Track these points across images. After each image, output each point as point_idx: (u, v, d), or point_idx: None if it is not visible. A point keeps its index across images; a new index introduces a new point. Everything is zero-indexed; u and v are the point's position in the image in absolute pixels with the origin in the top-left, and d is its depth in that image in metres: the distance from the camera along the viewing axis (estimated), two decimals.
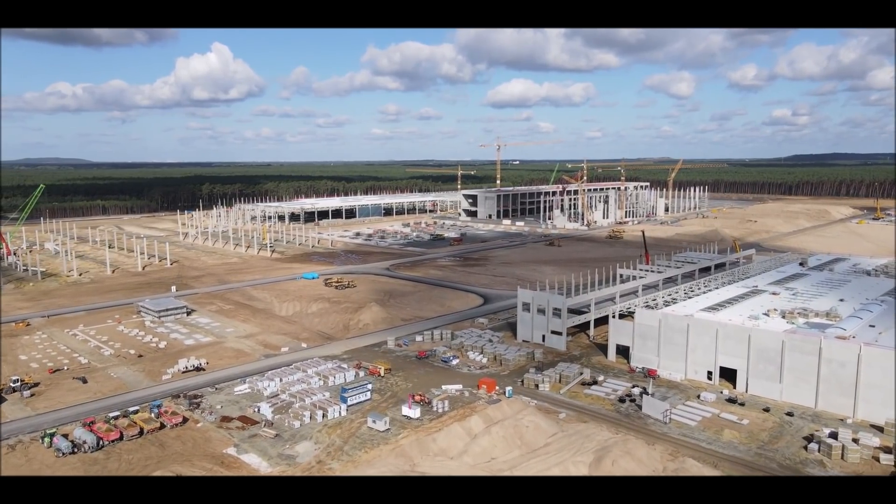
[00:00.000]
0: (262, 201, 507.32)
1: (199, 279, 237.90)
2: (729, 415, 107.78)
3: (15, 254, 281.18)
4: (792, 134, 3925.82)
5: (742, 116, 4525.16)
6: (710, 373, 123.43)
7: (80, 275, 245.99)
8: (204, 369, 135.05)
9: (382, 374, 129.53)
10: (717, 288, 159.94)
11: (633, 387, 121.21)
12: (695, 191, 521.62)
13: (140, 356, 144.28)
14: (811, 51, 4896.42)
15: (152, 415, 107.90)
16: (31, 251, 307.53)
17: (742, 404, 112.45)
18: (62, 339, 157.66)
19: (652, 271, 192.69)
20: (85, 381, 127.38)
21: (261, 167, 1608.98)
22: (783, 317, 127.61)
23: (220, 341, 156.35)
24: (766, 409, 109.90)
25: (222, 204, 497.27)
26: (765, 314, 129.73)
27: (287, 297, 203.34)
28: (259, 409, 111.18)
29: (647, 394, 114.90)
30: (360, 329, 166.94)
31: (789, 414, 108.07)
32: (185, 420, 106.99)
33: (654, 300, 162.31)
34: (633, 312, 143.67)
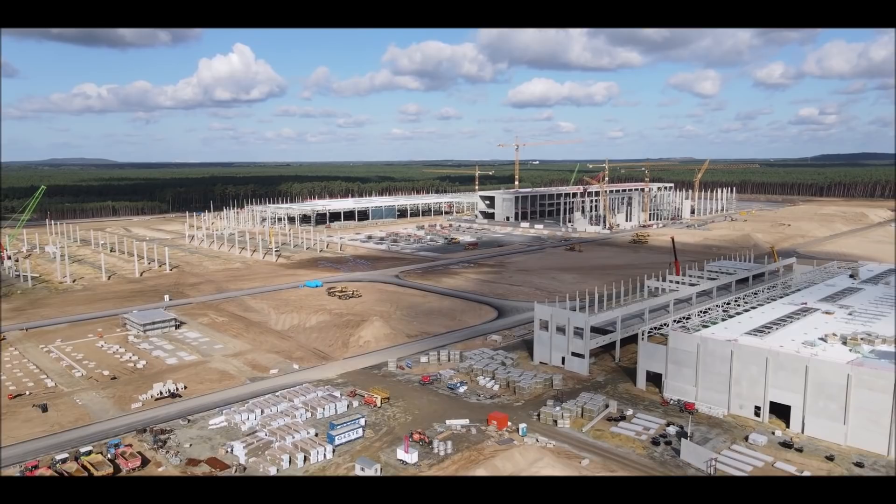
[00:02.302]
0: (273, 202, 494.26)
1: (197, 287, 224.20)
2: (785, 464, 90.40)
3: (10, 258, 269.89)
4: (819, 133, 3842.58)
5: (767, 115, 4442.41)
6: (757, 408, 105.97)
7: (74, 281, 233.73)
8: (180, 395, 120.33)
9: (379, 404, 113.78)
10: (760, 305, 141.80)
11: (668, 424, 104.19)
12: (722, 192, 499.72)
13: (113, 378, 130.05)
14: (841, 48, 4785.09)
15: (108, 456, 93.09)
16: (29, 255, 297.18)
17: (800, 450, 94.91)
18: (34, 357, 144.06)
19: (683, 283, 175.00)
20: (45, 410, 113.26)
21: (280, 167, 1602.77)
22: (844, 343, 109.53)
23: (205, 361, 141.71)
24: (830, 458, 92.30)
25: (234, 205, 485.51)
26: (821, 339, 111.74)
27: (286, 307, 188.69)
28: (232, 450, 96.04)
29: (685, 437, 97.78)
30: (360, 347, 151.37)
31: (859, 465, 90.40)
32: (144, 463, 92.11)
33: (688, 317, 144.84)
34: (664, 331, 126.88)
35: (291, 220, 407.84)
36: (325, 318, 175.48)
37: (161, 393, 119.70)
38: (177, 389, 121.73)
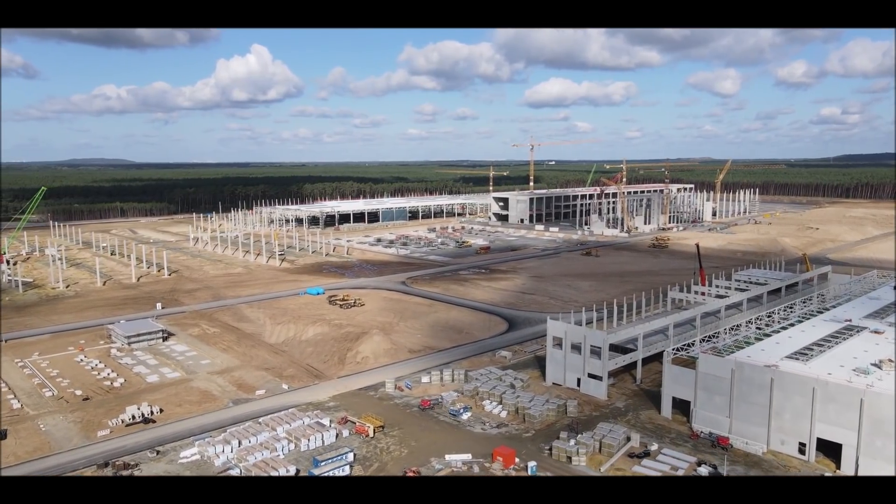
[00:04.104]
0: (284, 203, 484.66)
1: (193, 293, 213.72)
2: None
3: (7, 262, 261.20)
4: (840, 133, 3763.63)
5: (788, 115, 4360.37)
6: (802, 445, 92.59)
7: (67, 287, 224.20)
8: (154, 420, 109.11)
9: (372, 433, 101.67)
10: (798, 321, 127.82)
11: (700, 463, 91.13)
12: (744, 193, 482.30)
13: (86, 399, 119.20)
14: (865, 46, 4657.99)
15: None
16: (28, 258, 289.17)
17: None
18: (6, 373, 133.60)
19: (710, 294, 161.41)
20: (4, 437, 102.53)
21: (296, 167, 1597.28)
22: None
23: (188, 379, 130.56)
24: None
25: (243, 206, 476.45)
26: (875, 365, 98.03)
27: (283, 317, 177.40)
28: None
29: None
30: (357, 363, 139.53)
31: None
32: None
33: (717, 335, 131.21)
34: (692, 352, 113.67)
35: (300, 221, 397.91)
36: (322, 329, 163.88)
37: (133, 417, 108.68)
38: (151, 413, 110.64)
